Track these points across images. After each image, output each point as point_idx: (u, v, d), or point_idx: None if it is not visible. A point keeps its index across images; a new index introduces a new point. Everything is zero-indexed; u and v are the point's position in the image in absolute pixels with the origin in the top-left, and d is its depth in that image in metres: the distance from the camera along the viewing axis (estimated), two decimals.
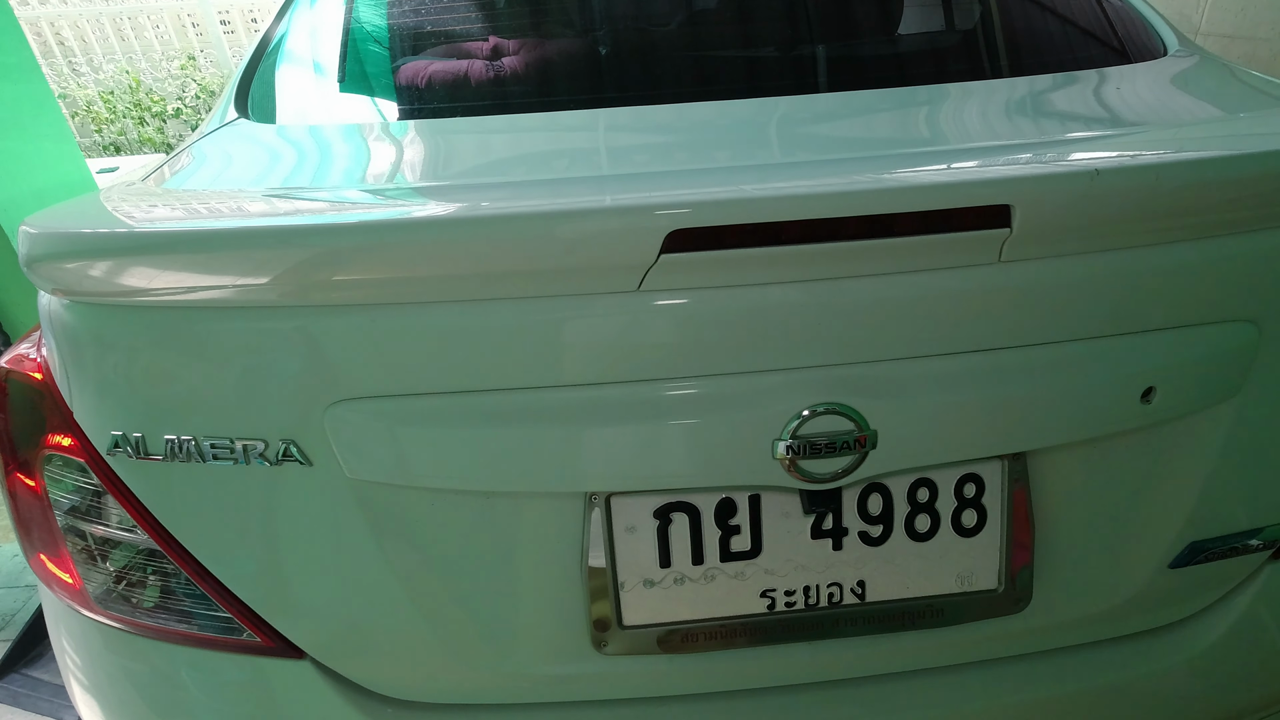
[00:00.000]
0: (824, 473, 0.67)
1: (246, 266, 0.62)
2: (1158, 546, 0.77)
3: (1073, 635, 0.81)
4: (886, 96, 0.94)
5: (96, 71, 5.65)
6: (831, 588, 0.74)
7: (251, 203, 0.74)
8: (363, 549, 0.71)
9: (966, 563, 0.74)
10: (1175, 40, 1.09)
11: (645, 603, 0.73)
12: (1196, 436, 0.74)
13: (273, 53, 1.15)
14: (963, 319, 0.66)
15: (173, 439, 0.69)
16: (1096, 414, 0.70)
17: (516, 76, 1.07)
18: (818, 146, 0.84)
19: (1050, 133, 0.82)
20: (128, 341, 0.68)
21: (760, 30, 1.16)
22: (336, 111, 1.06)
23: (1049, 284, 0.66)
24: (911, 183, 0.63)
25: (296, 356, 0.66)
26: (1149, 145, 0.74)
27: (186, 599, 0.76)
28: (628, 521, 0.70)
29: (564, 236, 0.60)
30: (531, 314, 0.64)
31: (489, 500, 0.70)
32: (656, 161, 0.81)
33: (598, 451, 0.67)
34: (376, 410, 0.66)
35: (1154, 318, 0.69)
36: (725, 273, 0.63)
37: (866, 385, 0.66)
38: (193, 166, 0.89)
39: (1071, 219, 0.63)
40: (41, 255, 0.65)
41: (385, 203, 0.74)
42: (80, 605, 0.78)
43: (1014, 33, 1.16)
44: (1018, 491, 0.73)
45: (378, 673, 0.78)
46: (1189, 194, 0.64)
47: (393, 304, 0.64)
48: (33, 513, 0.78)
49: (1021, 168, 0.66)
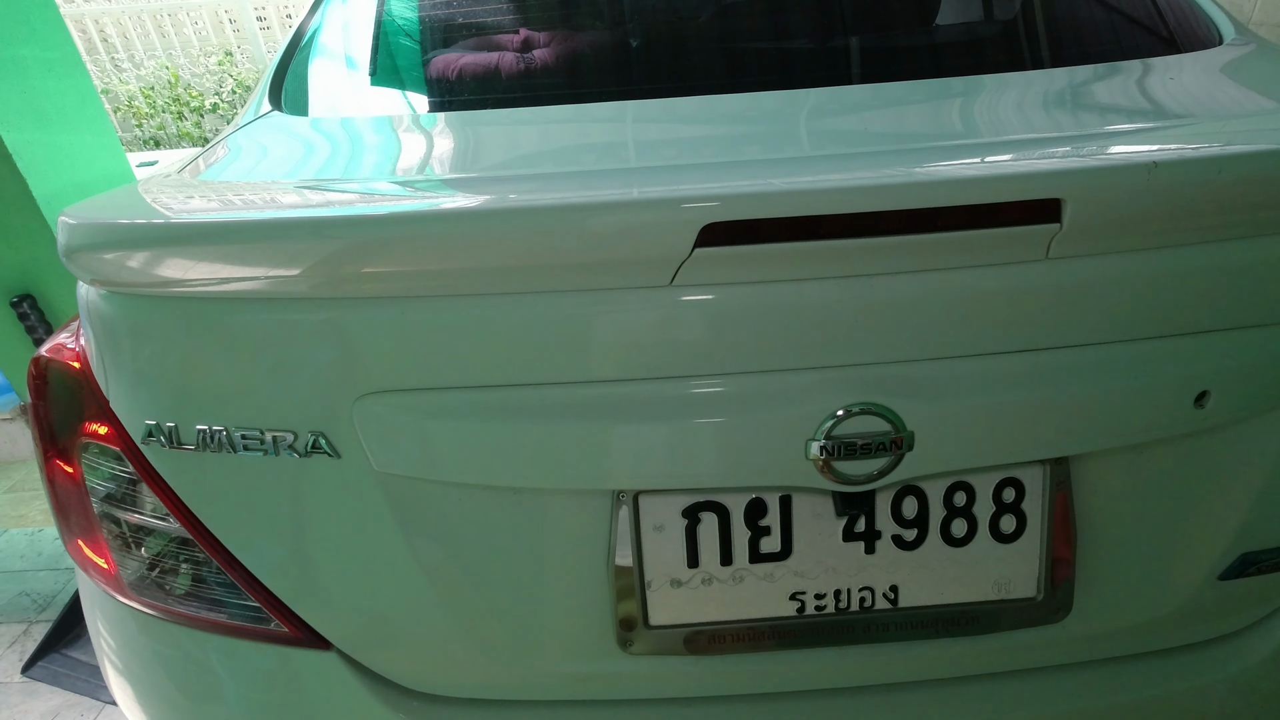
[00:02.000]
0: (858, 474, 0.65)
1: (278, 259, 0.62)
2: (1207, 557, 0.74)
3: (1114, 647, 0.78)
4: (926, 88, 0.92)
5: (138, 67, 5.78)
6: (863, 592, 0.73)
7: (284, 195, 0.74)
8: (389, 542, 0.71)
9: (1004, 569, 0.72)
10: (1232, 28, 1.05)
11: (672, 603, 0.72)
12: (1252, 443, 0.71)
13: (306, 46, 1.16)
14: (1006, 318, 0.64)
15: (204, 429, 0.69)
16: (1146, 419, 0.67)
17: (547, 68, 1.07)
18: (855, 139, 0.81)
19: (1103, 124, 0.79)
20: (162, 332, 0.69)
21: (794, 21, 1.14)
22: (368, 104, 1.06)
23: (1098, 282, 0.63)
24: (956, 176, 0.61)
25: (326, 349, 0.66)
26: (1208, 137, 0.71)
27: (216, 587, 0.76)
28: (656, 520, 0.69)
29: (596, 230, 0.59)
30: (562, 308, 0.63)
31: (516, 496, 0.69)
32: (689, 154, 0.80)
33: (626, 449, 0.66)
34: (405, 404, 0.66)
35: (1209, 318, 0.66)
36: (760, 268, 0.61)
37: (904, 385, 0.64)
38: (227, 159, 0.90)
39: (1126, 214, 0.60)
40: (79, 245, 0.66)
41: (416, 195, 0.74)
42: (115, 590, 0.80)
43: (1065, 21, 1.12)
44: (1059, 497, 0.70)
45: (402, 666, 0.78)
46: (1252, 188, 0.61)
47: (423, 297, 0.64)
48: (70, 499, 0.79)
49: (1074, 160, 0.63)
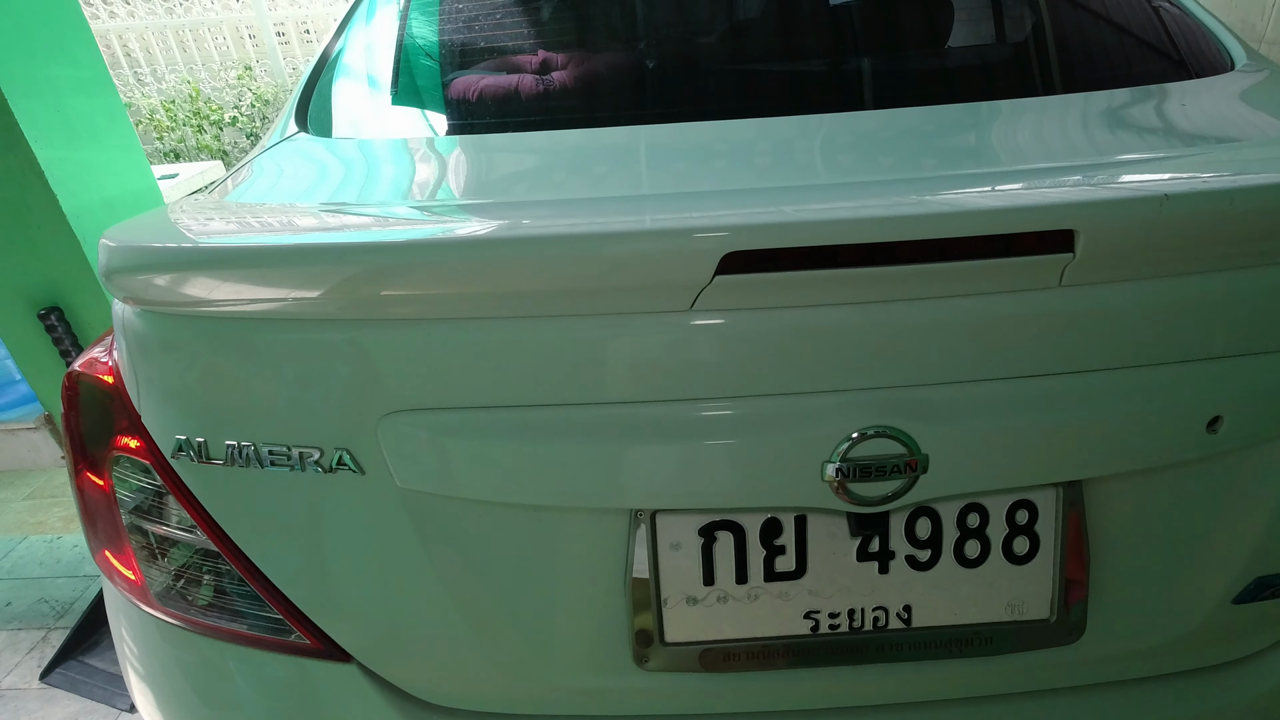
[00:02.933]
0: (873, 496, 0.66)
1: (307, 281, 0.64)
2: (1221, 581, 0.74)
3: (1127, 669, 0.78)
4: (941, 114, 0.93)
5: (160, 81, 5.89)
6: (877, 611, 0.73)
7: (310, 217, 0.77)
8: (411, 557, 0.72)
9: (1017, 591, 0.73)
10: (1243, 53, 1.05)
11: (688, 620, 0.73)
12: (1265, 468, 0.71)
13: (331, 68, 1.19)
14: (1020, 343, 0.65)
15: (233, 444, 0.71)
16: (1159, 443, 0.68)
17: (567, 91, 1.09)
18: (872, 166, 0.83)
19: (1114, 153, 0.80)
20: (195, 350, 0.71)
21: (811, 46, 1.16)
22: (392, 126, 1.09)
23: (1111, 309, 0.64)
24: (972, 207, 0.62)
25: (353, 368, 0.67)
26: (1219, 167, 0.72)
27: (240, 599, 0.78)
28: (672, 538, 0.70)
29: (620, 257, 0.61)
30: (584, 331, 0.65)
31: (536, 514, 0.70)
32: (710, 180, 0.81)
33: (645, 469, 0.67)
34: (429, 422, 0.68)
35: (1222, 344, 0.66)
36: (778, 294, 0.63)
37: (919, 409, 0.65)
38: (257, 180, 0.93)
39: (1138, 244, 0.61)
40: (119, 267, 0.68)
41: (441, 220, 0.76)
42: (141, 601, 0.81)
43: (1076, 46, 1.13)
44: (1073, 519, 0.71)
45: (422, 679, 0.79)
46: (1263, 219, 0.62)
47: (449, 319, 0.65)
48: (99, 510, 0.81)
49: (1087, 191, 0.64)
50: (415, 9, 1.27)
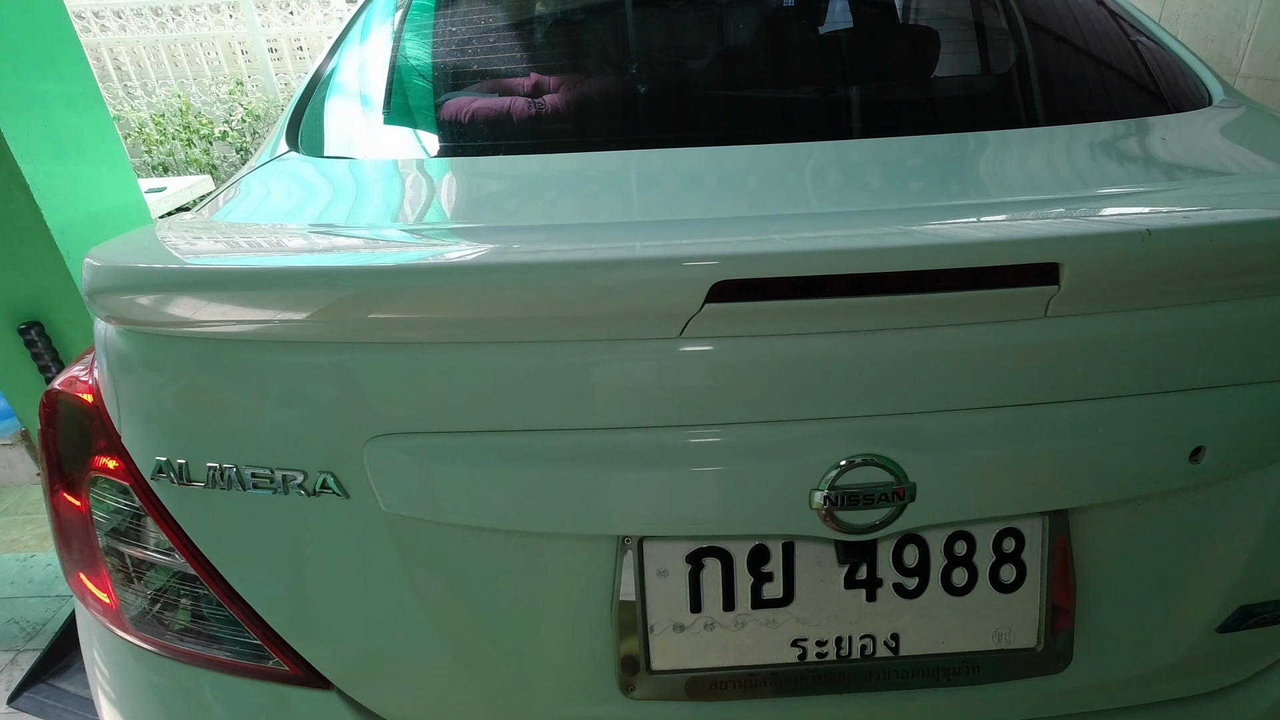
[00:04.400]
0: (861, 524, 0.66)
1: (291, 303, 0.64)
2: (1206, 609, 0.75)
3: (1114, 698, 0.78)
4: (928, 144, 0.95)
5: (149, 95, 5.88)
6: (864, 639, 0.73)
7: (299, 239, 0.76)
8: (394, 583, 0.71)
9: (1004, 619, 0.73)
10: (1220, 89, 1.08)
11: (675, 647, 0.72)
12: (1248, 497, 0.72)
13: (323, 87, 1.19)
14: (1006, 373, 0.66)
15: (215, 466, 0.70)
16: (1142, 473, 0.68)
17: (558, 115, 1.10)
18: (861, 195, 0.84)
19: (1098, 186, 0.81)
20: (178, 370, 0.70)
21: (800, 75, 1.18)
22: (383, 147, 1.09)
23: (1095, 340, 0.65)
24: (962, 238, 0.63)
25: (339, 391, 0.67)
26: (1200, 202, 0.73)
27: (218, 623, 0.76)
28: (659, 565, 0.70)
29: (610, 284, 0.61)
30: (571, 357, 0.65)
31: (522, 539, 0.70)
32: (700, 207, 0.82)
33: (632, 495, 0.67)
34: (414, 446, 0.67)
35: (1204, 376, 0.67)
36: (767, 322, 0.63)
37: (906, 437, 0.65)
38: (246, 199, 0.92)
39: (1121, 278, 0.62)
40: (103, 287, 0.67)
41: (431, 242, 0.76)
42: (114, 624, 0.80)
43: (1057, 79, 1.15)
44: (1059, 548, 0.71)
45: (403, 707, 0.78)
46: (1243, 254, 0.63)
47: (437, 343, 0.65)
48: (75, 531, 0.79)
49: (1071, 224, 0.65)
50: (409, 30, 1.28)
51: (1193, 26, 2.88)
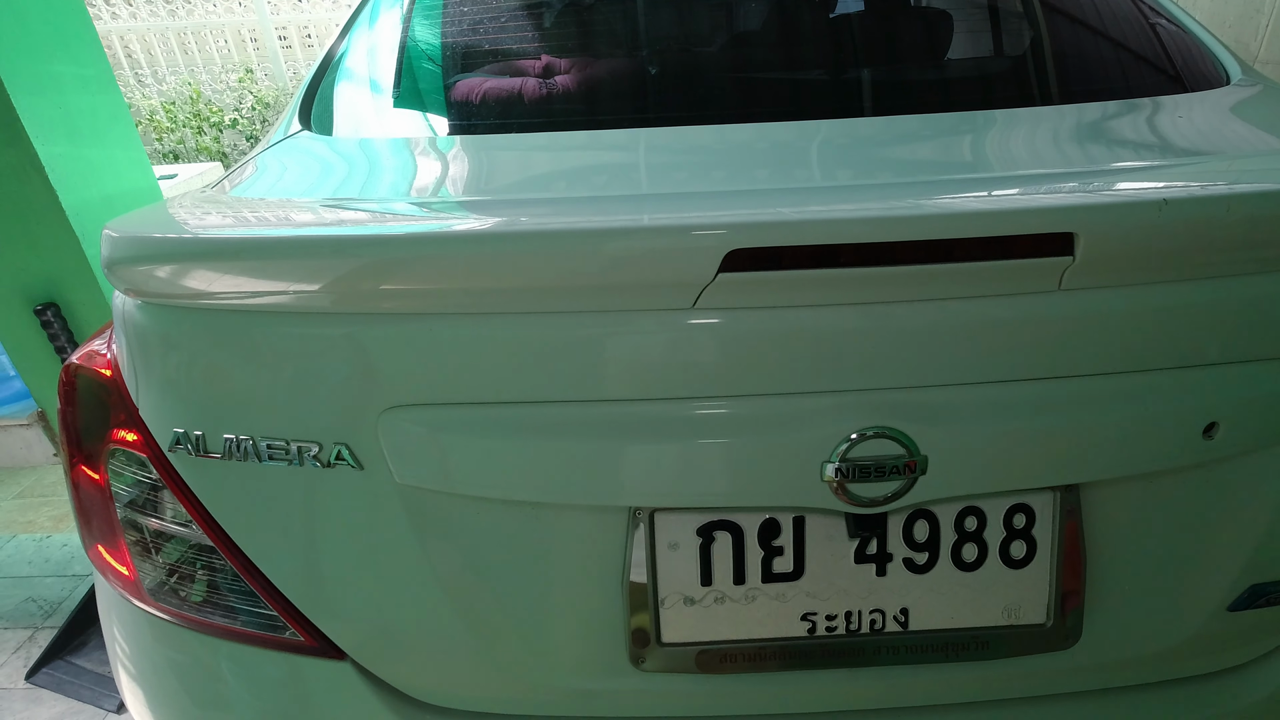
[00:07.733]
0: (871, 497, 0.66)
1: (307, 274, 0.64)
2: (1217, 588, 0.74)
3: (1123, 676, 0.78)
4: (940, 121, 0.94)
5: (160, 83, 5.90)
6: (874, 614, 0.73)
7: (311, 212, 0.77)
8: (408, 554, 0.72)
9: (1014, 595, 0.73)
10: (1239, 68, 1.07)
11: (685, 620, 0.73)
12: (1261, 475, 0.71)
13: (335, 68, 1.19)
14: (1019, 346, 0.65)
15: (231, 438, 0.71)
16: (1155, 449, 0.68)
17: (569, 95, 1.10)
18: (873, 170, 0.83)
19: (1113, 160, 0.81)
20: (195, 343, 0.71)
21: (812, 54, 1.17)
22: (395, 125, 1.09)
23: (1110, 313, 0.65)
24: (975, 208, 0.62)
25: (353, 363, 0.67)
26: (1217, 175, 0.73)
27: (234, 594, 0.77)
28: (670, 538, 0.70)
29: (624, 254, 0.61)
30: (584, 328, 0.65)
31: (534, 511, 0.70)
32: (711, 181, 0.82)
33: (643, 468, 0.67)
34: (429, 418, 0.68)
35: (1219, 351, 0.67)
36: (780, 293, 0.63)
37: (918, 410, 0.65)
38: (259, 176, 0.93)
39: (1136, 249, 0.61)
40: (122, 258, 0.68)
41: (444, 214, 0.76)
42: (133, 596, 0.81)
43: (1075, 59, 1.14)
44: (1069, 524, 0.71)
45: (416, 678, 0.79)
46: (1260, 226, 0.62)
47: (450, 314, 0.65)
48: (94, 504, 0.80)
49: (1087, 195, 0.65)
50: (418, 14, 1.28)
51: (1210, 11, 2.84)
